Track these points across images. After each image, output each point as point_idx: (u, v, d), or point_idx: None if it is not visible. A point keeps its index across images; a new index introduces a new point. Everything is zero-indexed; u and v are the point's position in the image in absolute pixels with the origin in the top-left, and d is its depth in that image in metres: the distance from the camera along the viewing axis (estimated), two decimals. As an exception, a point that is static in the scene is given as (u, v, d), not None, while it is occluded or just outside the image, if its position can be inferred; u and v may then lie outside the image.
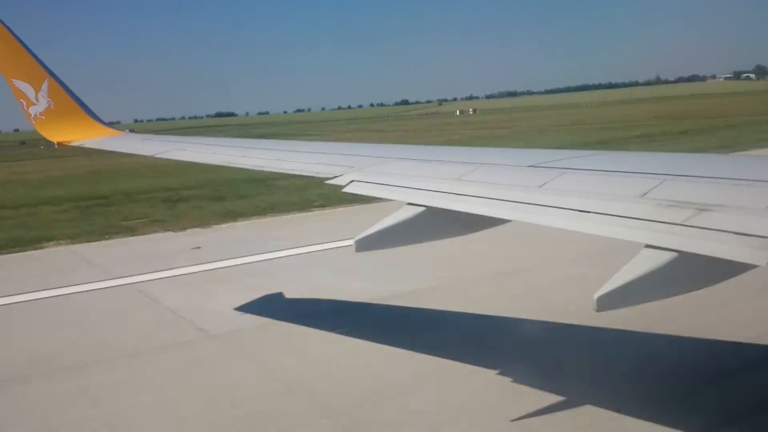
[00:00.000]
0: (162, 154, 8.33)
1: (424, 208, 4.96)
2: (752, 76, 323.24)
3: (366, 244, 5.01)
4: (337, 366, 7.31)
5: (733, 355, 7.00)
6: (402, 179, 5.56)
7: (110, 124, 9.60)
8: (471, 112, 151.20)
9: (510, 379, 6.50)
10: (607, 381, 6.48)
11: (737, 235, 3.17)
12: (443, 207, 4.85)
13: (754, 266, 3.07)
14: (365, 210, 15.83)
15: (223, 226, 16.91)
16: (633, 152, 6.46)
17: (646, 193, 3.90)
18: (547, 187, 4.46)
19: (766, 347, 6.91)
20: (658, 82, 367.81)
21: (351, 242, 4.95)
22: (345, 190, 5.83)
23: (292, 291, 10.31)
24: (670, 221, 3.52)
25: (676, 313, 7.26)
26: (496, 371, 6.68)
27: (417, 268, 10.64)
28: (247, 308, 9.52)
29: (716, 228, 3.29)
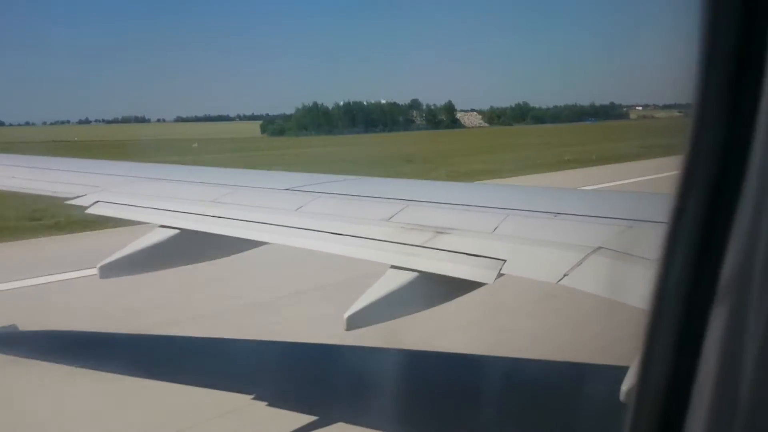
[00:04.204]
0: None
1: (178, 231, 4.80)
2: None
3: (112, 270, 4.69)
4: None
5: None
6: (154, 200, 5.32)
7: None
8: None
9: (265, 403, 6.50)
10: (355, 398, 6.78)
11: (469, 256, 3.56)
12: (199, 230, 4.74)
13: (483, 284, 3.46)
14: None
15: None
16: (381, 178, 6.92)
17: (392, 216, 4.22)
18: (303, 210, 4.61)
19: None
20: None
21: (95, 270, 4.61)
22: (89, 211, 5.41)
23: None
24: (412, 243, 3.84)
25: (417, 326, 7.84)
26: (251, 396, 6.63)
27: (174, 294, 10.15)
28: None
29: (452, 249, 3.67)
